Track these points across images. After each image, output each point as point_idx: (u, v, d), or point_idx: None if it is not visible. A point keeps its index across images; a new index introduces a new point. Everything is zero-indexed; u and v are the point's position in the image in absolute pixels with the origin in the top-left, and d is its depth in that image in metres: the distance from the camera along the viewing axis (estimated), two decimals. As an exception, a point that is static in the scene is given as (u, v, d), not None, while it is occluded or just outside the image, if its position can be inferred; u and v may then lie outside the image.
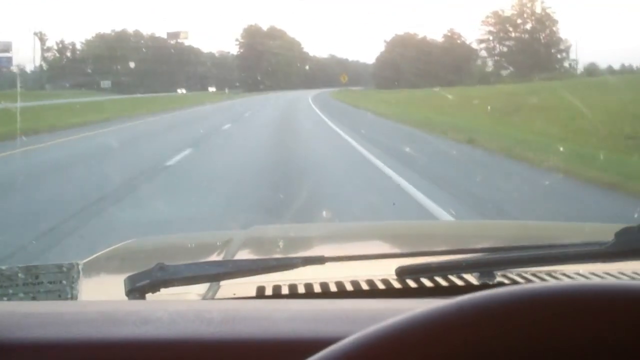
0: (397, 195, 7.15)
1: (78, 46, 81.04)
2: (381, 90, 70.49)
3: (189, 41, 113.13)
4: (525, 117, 17.66)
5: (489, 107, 22.53)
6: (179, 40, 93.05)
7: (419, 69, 75.20)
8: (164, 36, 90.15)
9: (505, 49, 68.63)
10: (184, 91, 76.91)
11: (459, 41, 77.11)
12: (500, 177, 8.97)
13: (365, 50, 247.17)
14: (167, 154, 11.57)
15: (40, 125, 18.49)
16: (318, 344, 0.48)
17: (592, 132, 12.55)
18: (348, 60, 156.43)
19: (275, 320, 0.70)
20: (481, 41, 72.36)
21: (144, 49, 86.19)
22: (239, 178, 9.02)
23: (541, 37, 65.17)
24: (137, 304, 0.87)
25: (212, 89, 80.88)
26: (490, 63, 69.31)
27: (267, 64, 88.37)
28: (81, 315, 0.73)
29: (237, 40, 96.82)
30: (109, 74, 71.06)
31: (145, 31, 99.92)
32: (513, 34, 67.77)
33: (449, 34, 78.20)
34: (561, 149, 10.56)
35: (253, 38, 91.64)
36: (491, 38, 70.35)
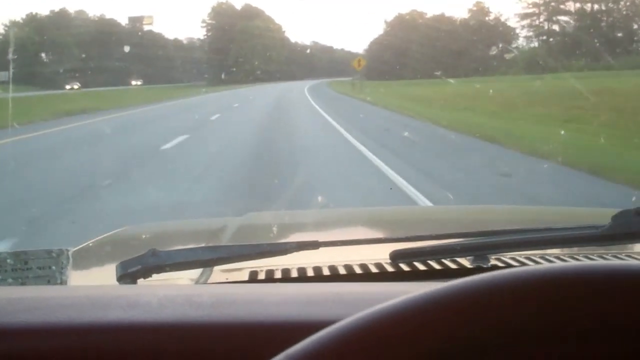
0: None
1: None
2: (381, 81, 57.76)
3: (155, 27, 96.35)
4: None
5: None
6: (144, 26, 76.92)
7: (428, 54, 60.45)
8: (126, 21, 76.30)
9: (556, 27, 53.18)
10: (139, 83, 61.35)
11: (488, 18, 61.60)
12: None
13: (352, 38, 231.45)
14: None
15: None
16: (309, 327, 0.47)
17: None
18: (333, 49, 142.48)
19: (266, 303, 0.69)
20: (524, 16, 55.92)
21: (86, 33, 70.10)
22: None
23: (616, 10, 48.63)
24: (125, 289, 0.87)
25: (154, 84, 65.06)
26: (538, 45, 53.71)
27: (241, 51, 72.68)
28: (68, 299, 0.72)
29: (204, 22, 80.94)
30: (36, 64, 55.18)
31: (93, 12, 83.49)
32: (573, 5, 50.97)
33: (475, 8, 62.45)
34: None
35: (224, 19, 75.98)
36: (538, 11, 54.01)
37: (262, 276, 1.04)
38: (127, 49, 65.99)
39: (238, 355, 0.62)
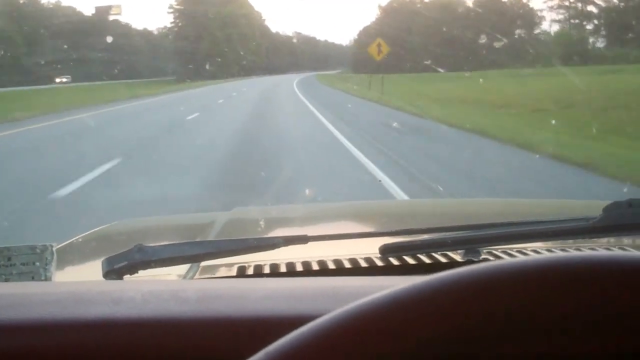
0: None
1: None
2: (376, 74, 47.51)
3: (124, 17, 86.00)
4: None
5: None
6: (111, 17, 66.87)
7: (432, 44, 51.47)
8: (93, 11, 65.57)
9: (592, 8, 43.84)
10: (64, 80, 51.27)
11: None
12: None
13: (337, 28, 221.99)
14: None
15: None
16: (296, 322, 0.48)
17: None
18: (317, 40, 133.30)
19: (252, 298, 0.69)
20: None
21: (34, 22, 59.90)
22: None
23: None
24: (110, 285, 0.87)
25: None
26: (569, 29, 44.42)
27: (214, 41, 62.98)
28: (51, 296, 0.72)
29: (171, 7, 70.80)
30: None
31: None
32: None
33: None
34: None
35: (193, 4, 66.01)
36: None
37: (250, 271, 1.03)
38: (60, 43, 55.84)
39: (223, 350, 0.61)
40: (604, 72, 26.57)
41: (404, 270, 1.01)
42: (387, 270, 1.01)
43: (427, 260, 1.04)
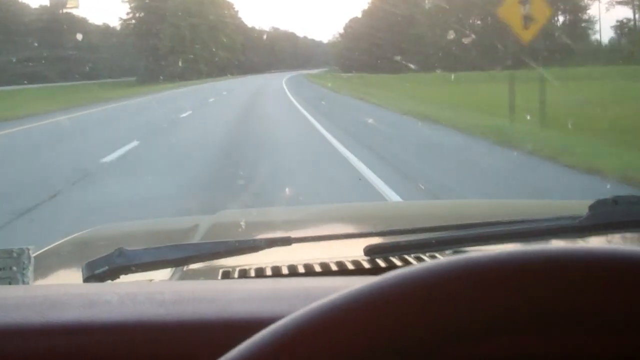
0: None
1: None
2: (366, 74, 44.41)
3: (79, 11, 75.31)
4: None
5: None
6: (67, 10, 57.15)
7: (439, 36, 42.66)
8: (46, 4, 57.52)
9: None
10: None
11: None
12: None
13: (316, 25, 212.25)
14: None
15: None
16: (273, 323, 0.47)
17: None
18: (296, 36, 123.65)
19: (230, 300, 0.68)
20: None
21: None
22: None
23: None
24: (86, 288, 0.86)
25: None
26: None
27: (177, 34, 52.98)
28: (26, 299, 0.71)
29: (126, -2, 60.75)
30: None
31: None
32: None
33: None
34: None
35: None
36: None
37: (235, 275, 1.01)
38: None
39: (200, 352, 0.61)
40: None
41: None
42: (374, 272, 0.98)
43: (414, 262, 1.02)
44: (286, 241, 1.03)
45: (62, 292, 0.73)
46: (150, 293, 0.71)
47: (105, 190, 6.48)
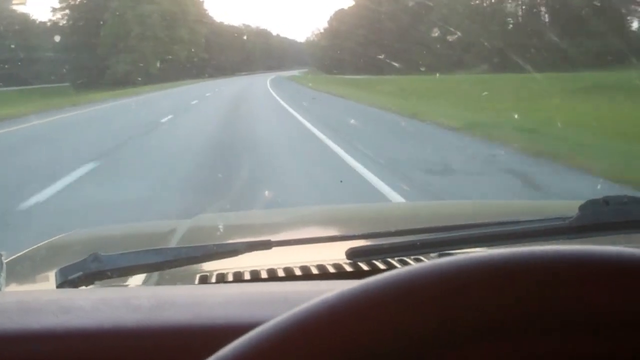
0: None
1: None
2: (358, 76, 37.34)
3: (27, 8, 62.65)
4: None
5: None
6: (14, 6, 47.03)
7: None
8: None
9: None
10: None
11: None
12: None
13: (290, 23, 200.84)
14: None
15: None
16: (252, 328, 0.46)
17: None
18: (268, 32, 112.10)
19: (208, 305, 0.68)
20: None
21: None
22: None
23: None
24: (60, 293, 0.84)
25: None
26: None
27: (121, 27, 41.06)
28: None
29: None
30: None
31: None
32: None
33: None
34: None
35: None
36: None
37: (212, 280, 1.01)
38: None
39: (177, 358, 0.59)
40: None
41: (374, 275, 0.85)
42: (356, 275, 0.98)
43: (398, 265, 1.00)
44: (266, 245, 0.99)
45: (34, 299, 0.72)
46: (126, 298, 0.70)
47: None
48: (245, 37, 74.52)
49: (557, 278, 0.42)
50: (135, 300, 0.68)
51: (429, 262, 0.44)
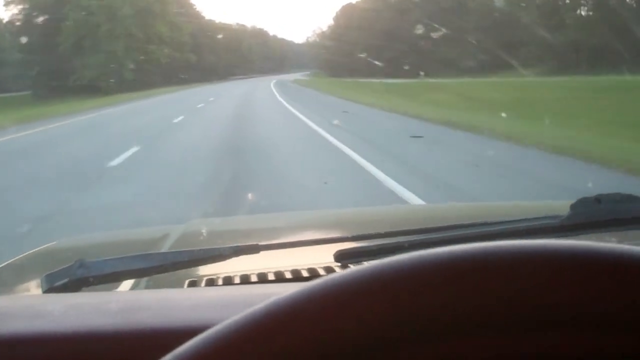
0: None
1: None
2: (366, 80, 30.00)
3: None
4: None
5: None
6: None
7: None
8: None
9: None
10: None
11: None
12: None
13: (287, 24, 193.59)
14: None
15: None
16: None
17: None
18: (265, 32, 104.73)
19: (180, 308, 0.67)
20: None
21: None
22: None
23: None
24: (32, 299, 0.85)
25: None
26: None
27: (88, 21, 33.54)
28: None
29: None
30: None
31: None
32: None
33: None
34: None
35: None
36: None
37: (202, 285, 0.99)
38: None
39: None
40: None
41: None
42: None
43: None
44: (254, 249, 0.99)
45: (5, 304, 0.72)
46: (97, 303, 0.71)
47: None
48: (239, 37, 66.94)
49: (516, 273, 0.41)
50: (105, 305, 0.68)
51: (391, 257, 0.43)
